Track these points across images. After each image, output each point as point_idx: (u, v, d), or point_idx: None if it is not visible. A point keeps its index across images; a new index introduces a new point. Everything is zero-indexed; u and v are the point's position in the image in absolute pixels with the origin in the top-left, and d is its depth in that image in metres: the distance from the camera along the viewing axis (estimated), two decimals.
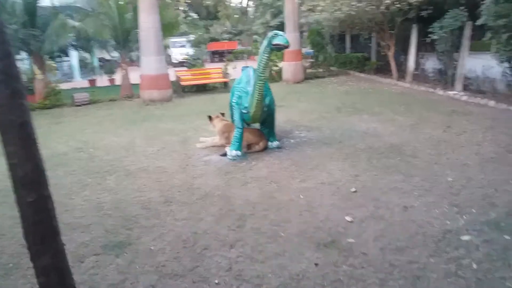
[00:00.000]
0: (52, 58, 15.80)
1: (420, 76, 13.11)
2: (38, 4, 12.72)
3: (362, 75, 15.73)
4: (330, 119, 8.17)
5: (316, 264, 3.15)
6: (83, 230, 3.97)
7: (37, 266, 1.24)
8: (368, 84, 13.24)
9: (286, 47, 5.29)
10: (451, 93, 10.47)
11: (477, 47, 10.40)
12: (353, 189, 4.53)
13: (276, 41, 5.21)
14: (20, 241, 3.81)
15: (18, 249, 3.70)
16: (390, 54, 13.65)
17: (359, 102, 9.92)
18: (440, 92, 10.83)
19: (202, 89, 14.57)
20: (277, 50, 5.51)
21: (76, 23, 13.69)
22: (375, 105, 9.42)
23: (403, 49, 13.84)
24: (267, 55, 5.43)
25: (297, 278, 2.99)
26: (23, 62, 15.58)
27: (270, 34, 5.40)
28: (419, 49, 13.07)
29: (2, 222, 4.30)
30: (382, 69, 15.35)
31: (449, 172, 4.96)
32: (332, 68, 17.69)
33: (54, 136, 8.27)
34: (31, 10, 12.44)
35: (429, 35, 10.87)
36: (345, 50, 19.16)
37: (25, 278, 3.22)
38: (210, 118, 6.84)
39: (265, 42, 5.45)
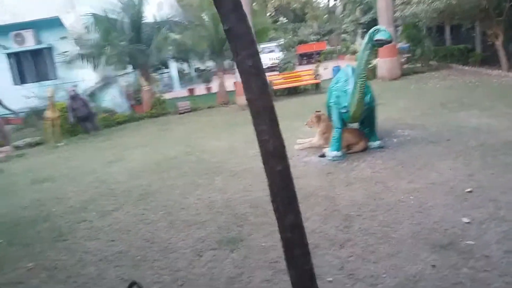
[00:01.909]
0: (155, 70, 17.21)
1: None
2: (142, 21, 13.95)
3: (465, 68, 14.55)
4: (435, 116, 7.70)
5: (433, 266, 3.02)
6: (199, 226, 4.28)
7: (283, 224, 1.57)
8: (473, 77, 12.22)
9: (389, 42, 5.17)
10: None
11: None
12: (469, 189, 4.23)
13: (378, 37, 5.12)
14: (144, 236, 4.26)
15: (143, 243, 4.11)
16: (498, 43, 12.44)
17: (465, 97, 9.21)
18: None
19: (293, 92, 14.72)
20: (380, 46, 5.40)
21: (176, 36, 14.71)
22: (484, 99, 8.67)
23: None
24: (368, 51, 5.35)
25: (413, 280, 2.91)
26: (129, 75, 17.16)
27: (371, 30, 5.31)
28: None
29: (127, 218, 4.81)
30: (489, 60, 14.02)
31: None
32: (431, 62, 16.63)
33: (163, 141, 9.03)
34: (137, 27, 13.70)
35: None
36: (445, 42, 17.91)
37: (153, 269, 3.57)
38: (318, 117, 6.70)
39: (366, 39, 5.37)
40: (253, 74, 1.48)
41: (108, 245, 4.15)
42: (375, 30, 5.17)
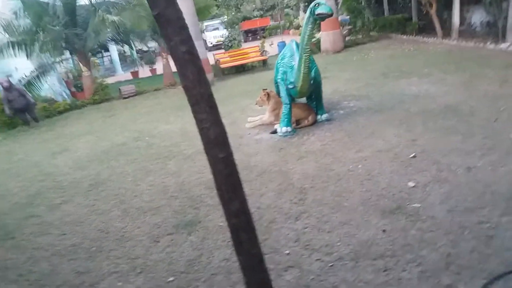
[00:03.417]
0: (94, 54, 16.38)
1: (466, 32, 12.43)
2: (77, 4, 13.14)
3: (404, 37, 15.12)
4: (378, 86, 7.98)
5: (384, 231, 3.18)
6: (154, 212, 4.21)
7: (229, 210, 1.57)
8: (412, 46, 12.73)
9: (330, 15, 5.22)
10: (503, 46, 9.87)
11: None
12: (412, 154, 4.46)
13: (319, 11, 5.15)
14: (97, 227, 4.13)
15: (97, 234, 3.99)
16: (433, 11, 13.01)
17: (405, 65, 9.60)
18: (490, 46, 10.24)
19: (241, 69, 14.63)
20: (321, 19, 5.44)
21: (114, 18, 14.03)
22: (422, 66, 9.08)
23: (445, 5, 13.13)
24: (311, 26, 5.38)
25: (366, 245, 3.05)
26: (68, 61, 16.23)
27: (312, 4, 5.34)
28: (463, 2, 12.35)
29: (78, 210, 4.64)
30: (425, 29, 14.66)
31: (511, 128, 4.76)
32: (372, 33, 17.10)
33: (110, 128, 8.70)
34: (71, 10, 12.87)
35: None
36: (383, 13, 18.43)
37: (109, 259, 3.49)
38: (267, 94, 6.72)
39: (307, 13, 5.39)
40: (188, 60, 1.44)
41: (60, 239, 3.99)
42: (315, 4, 5.20)
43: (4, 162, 7.50)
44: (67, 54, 14.95)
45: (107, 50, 22.31)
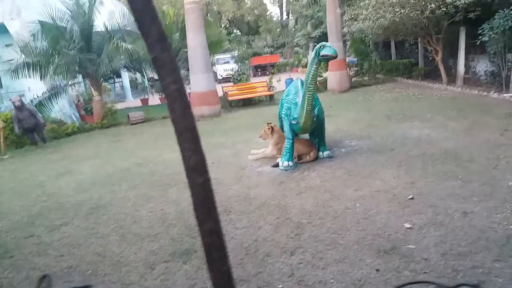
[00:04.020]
0: (106, 80, 16.78)
1: (471, 80, 12.70)
2: (93, 30, 13.62)
3: (410, 81, 15.45)
4: (380, 127, 8.13)
5: (377, 270, 3.20)
6: (152, 239, 4.25)
7: (203, 230, 1.78)
8: (417, 90, 12.98)
9: (334, 57, 5.42)
10: (506, 95, 10.07)
11: None
12: (410, 196, 4.53)
13: (324, 52, 5.36)
14: (95, 250, 4.16)
15: (94, 257, 4.02)
16: (438, 58, 13.34)
17: (409, 109, 9.78)
18: (494, 95, 10.44)
19: (248, 103, 14.92)
20: (325, 61, 5.66)
21: (128, 46, 14.49)
22: (426, 111, 9.26)
23: (451, 53, 13.51)
24: (315, 66, 5.58)
25: (359, 284, 3.06)
26: (80, 85, 16.62)
27: (317, 45, 5.56)
28: (468, 52, 12.70)
29: (78, 232, 4.68)
30: (431, 75, 15.02)
31: (510, 176, 4.82)
32: (378, 75, 17.50)
33: (115, 153, 8.84)
34: (87, 35, 13.33)
35: (479, 37, 10.56)
36: (390, 57, 18.91)
37: (104, 284, 3.51)
38: (271, 128, 6.83)
39: (313, 54, 5.61)
40: (177, 97, 1.67)
41: (57, 261, 4.02)
42: (321, 46, 5.42)
43: (9, 180, 7.60)
44: (79, 77, 15.34)
45: (119, 76, 22.84)
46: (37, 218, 5.31)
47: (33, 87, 14.06)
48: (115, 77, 22.03)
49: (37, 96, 13.30)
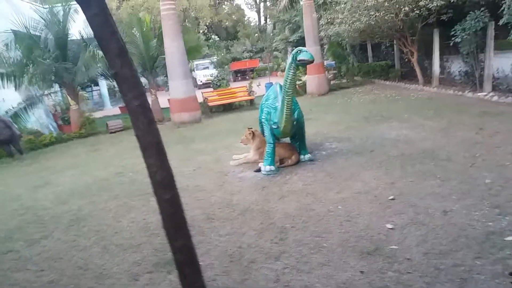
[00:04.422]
0: (83, 88, 16.52)
1: (446, 80, 13.00)
2: (68, 39, 13.40)
3: (387, 83, 15.71)
4: (359, 129, 8.23)
5: (361, 272, 3.22)
6: (134, 250, 4.18)
7: (174, 246, 1.71)
8: (394, 92, 13.21)
9: (311, 62, 5.47)
10: (480, 94, 10.34)
11: (503, 46, 10.28)
12: (391, 197, 4.59)
13: (300, 57, 5.40)
14: (77, 264, 4.08)
15: (76, 271, 3.93)
16: (414, 60, 13.62)
17: (386, 110, 9.94)
18: (468, 94, 10.71)
19: (228, 108, 14.92)
20: (302, 65, 5.72)
21: None
22: (403, 112, 9.42)
23: (426, 54, 13.80)
24: (292, 71, 5.62)
25: (344, 286, 3.08)
26: (56, 94, 16.32)
27: (294, 50, 5.60)
28: (442, 52, 13.00)
29: (58, 246, 4.57)
30: (407, 76, 15.31)
31: (486, 173, 4.94)
32: (356, 78, 17.74)
33: (94, 163, 8.69)
34: (62, 44, 13.12)
35: (452, 38, 10.83)
36: (367, 59, 19.19)
37: None
38: (253, 133, 6.82)
39: (290, 59, 5.65)
40: (140, 113, 1.65)
41: (38, 275, 3.92)
42: (297, 51, 5.47)
43: None
44: (56, 87, 15.06)
45: (96, 84, 22.52)
46: (15, 232, 5.17)
47: (7, 97, 13.69)
48: (92, 85, 21.71)
49: (12, 107, 12.98)
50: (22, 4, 17.51)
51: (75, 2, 15.82)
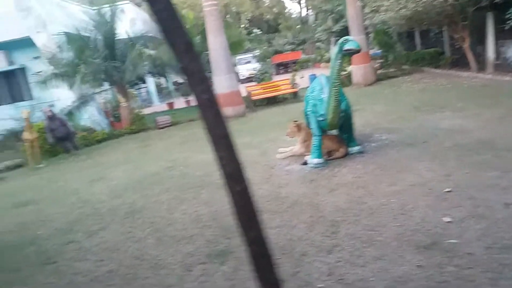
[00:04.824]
0: (131, 86, 17.11)
1: (502, 66, 12.26)
2: (116, 38, 13.91)
3: (437, 71, 15.06)
4: (410, 119, 7.94)
5: (419, 266, 3.12)
6: (187, 241, 4.29)
7: (247, 238, 1.77)
8: (445, 80, 12.65)
9: (358, 51, 5.34)
10: None
11: None
12: (447, 189, 4.39)
13: (347, 47, 5.28)
14: (133, 254, 4.24)
15: (133, 261, 4.09)
16: (466, 46, 12.95)
17: (438, 99, 9.53)
18: None
19: (272, 101, 14.89)
20: (349, 55, 5.58)
21: (151, 51, 14.72)
22: (456, 100, 8.99)
23: (479, 40, 13.07)
24: (339, 61, 5.51)
25: (400, 281, 3.00)
26: (107, 92, 17.02)
27: (340, 40, 5.49)
28: (497, 37, 12.26)
29: (115, 237, 4.78)
30: (458, 63, 14.58)
31: None
32: (403, 66, 17.14)
33: (145, 157, 9.00)
34: (110, 44, 13.64)
35: (507, 22, 10.18)
36: (415, 47, 18.49)
37: (144, 287, 3.57)
38: (298, 126, 6.80)
39: (336, 49, 5.54)
40: (209, 106, 1.68)
41: (98, 265, 4.12)
42: (344, 40, 5.35)
43: (46, 188, 7.85)
44: (106, 85, 15.70)
45: (144, 82, 23.27)
46: (75, 224, 5.46)
47: (62, 96, 14.47)
48: (140, 83, 22.43)
49: (67, 106, 13.68)
50: (72, 7, 18.38)
51: (121, 3, 16.45)
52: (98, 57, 13.00)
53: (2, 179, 9.62)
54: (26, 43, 14.85)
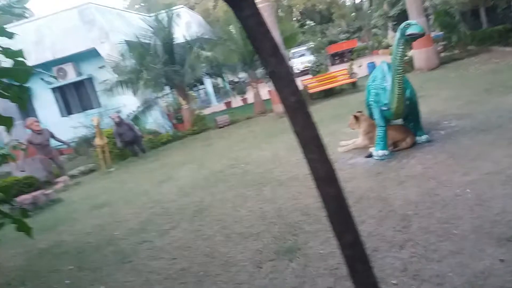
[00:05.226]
0: (191, 88, 17.63)
1: None
2: (174, 43, 14.38)
3: (507, 49, 13.92)
4: (481, 103, 7.41)
5: (501, 260, 2.92)
6: (255, 238, 4.34)
7: (342, 243, 1.78)
8: None
9: (422, 35, 5.09)
10: None
11: None
12: None
13: (410, 31, 5.05)
14: (204, 252, 4.37)
15: (204, 259, 4.22)
16: None
17: (511, 80, 8.82)
18: None
19: (329, 93, 14.62)
20: (412, 40, 5.32)
21: (208, 53, 15.05)
22: None
23: None
24: (402, 47, 5.28)
25: (482, 276, 2.82)
26: (168, 96, 17.70)
27: (402, 25, 5.26)
28: None
29: (185, 235, 4.96)
30: None
31: None
32: (469, 47, 16.05)
33: (208, 156, 9.25)
34: (169, 49, 14.12)
35: None
36: (481, 25, 17.26)
37: (216, 284, 3.67)
38: (356, 118, 6.70)
39: (397, 34, 5.32)
40: (297, 108, 1.66)
41: (171, 263, 4.30)
42: (406, 25, 5.11)
43: (118, 190, 8.34)
44: (167, 89, 16.33)
45: (202, 83, 23.90)
46: (147, 224, 5.74)
47: (127, 102, 15.27)
48: (198, 84, 23.06)
49: (133, 111, 14.40)
50: (131, 16, 19.30)
51: (177, 7, 16.96)
52: (158, 63, 13.52)
53: (78, 183, 10.35)
54: (91, 54, 15.86)
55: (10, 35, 2.79)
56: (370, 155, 6.03)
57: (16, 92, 2.72)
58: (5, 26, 3.12)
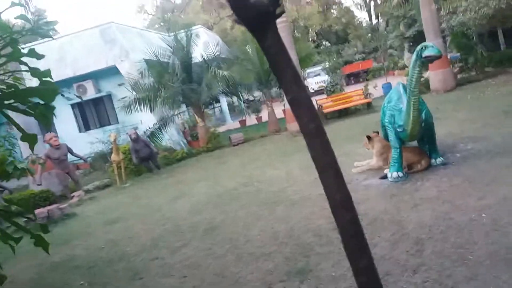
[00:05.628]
0: (207, 106, 17.83)
1: None
2: (192, 62, 14.63)
3: None
4: (499, 126, 7.30)
5: None
6: (266, 258, 4.32)
7: (356, 268, 1.75)
8: None
9: (439, 57, 5.08)
10: None
11: None
12: None
13: (426, 53, 5.05)
14: (214, 271, 4.36)
15: (214, 278, 4.21)
16: None
17: None
18: None
19: (344, 113, 14.61)
20: (429, 62, 5.33)
21: (225, 72, 15.25)
22: None
23: None
24: (418, 69, 5.27)
25: None
26: (184, 113, 17.91)
27: (418, 47, 5.26)
28: None
29: (196, 253, 4.95)
30: None
31: None
32: (486, 69, 15.91)
33: (222, 174, 9.29)
34: (187, 67, 14.36)
35: None
36: (499, 47, 17.14)
37: None
38: (369, 138, 6.67)
39: (414, 56, 5.32)
40: (316, 135, 1.69)
41: (182, 281, 4.30)
42: (422, 47, 5.11)
43: (132, 206, 8.41)
44: (183, 107, 16.52)
45: (217, 101, 24.12)
46: (159, 240, 5.76)
47: (144, 119, 15.50)
48: (214, 102, 23.28)
49: (149, 128, 14.59)
50: (151, 35, 19.77)
51: (196, 28, 17.28)
52: (176, 81, 13.75)
53: (92, 198, 10.47)
54: (111, 72, 16.25)
55: (39, 57, 2.87)
56: (384, 177, 5.98)
57: (41, 110, 2.79)
58: (30, 43, 3.23)
